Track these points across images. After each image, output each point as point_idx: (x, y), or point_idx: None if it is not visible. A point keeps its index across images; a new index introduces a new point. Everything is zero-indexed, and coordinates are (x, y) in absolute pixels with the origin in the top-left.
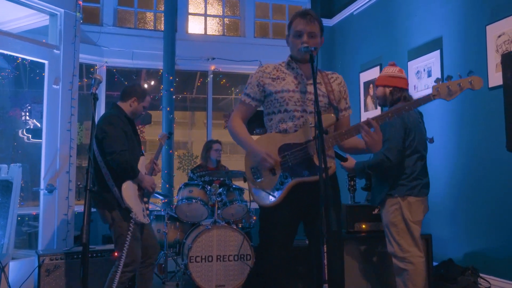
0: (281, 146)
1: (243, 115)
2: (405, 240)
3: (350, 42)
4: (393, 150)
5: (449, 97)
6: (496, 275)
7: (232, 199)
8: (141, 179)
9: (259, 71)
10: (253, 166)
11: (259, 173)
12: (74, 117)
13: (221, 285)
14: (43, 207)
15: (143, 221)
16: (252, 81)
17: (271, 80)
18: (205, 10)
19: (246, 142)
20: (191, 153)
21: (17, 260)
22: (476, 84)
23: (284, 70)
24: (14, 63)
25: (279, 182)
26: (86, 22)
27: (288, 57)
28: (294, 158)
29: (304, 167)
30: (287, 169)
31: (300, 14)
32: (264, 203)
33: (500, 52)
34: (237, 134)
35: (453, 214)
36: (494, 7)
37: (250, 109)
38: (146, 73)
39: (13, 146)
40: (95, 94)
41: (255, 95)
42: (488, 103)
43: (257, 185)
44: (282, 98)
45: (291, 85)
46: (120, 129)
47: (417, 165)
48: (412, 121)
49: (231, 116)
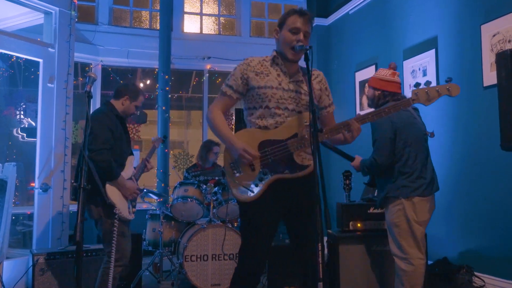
0: (262, 142)
1: (223, 106)
2: (407, 241)
3: (345, 41)
4: (381, 151)
5: (427, 102)
6: (490, 273)
7: (228, 198)
8: (121, 184)
9: (243, 63)
10: (233, 160)
11: (238, 168)
12: (69, 116)
13: (216, 284)
14: (38, 206)
15: (128, 217)
16: (235, 72)
17: (255, 75)
18: (201, 9)
19: (226, 136)
20: (186, 152)
21: (11, 260)
22: (453, 91)
23: (268, 65)
24: (8, 62)
25: (258, 177)
26: (81, 21)
27: (273, 52)
28: (274, 154)
29: (284, 164)
30: (266, 165)
31: (298, 12)
32: (242, 198)
33: (495, 51)
34: (216, 126)
35: (448, 212)
36: (488, 7)
37: (231, 101)
38: (141, 72)
39: (8, 145)
40: (89, 92)
41: (237, 88)
42: (482, 102)
43: (236, 180)
44: (265, 94)
45: (275, 82)
46: (105, 127)
47: (417, 164)
48: (402, 120)
49: (211, 106)
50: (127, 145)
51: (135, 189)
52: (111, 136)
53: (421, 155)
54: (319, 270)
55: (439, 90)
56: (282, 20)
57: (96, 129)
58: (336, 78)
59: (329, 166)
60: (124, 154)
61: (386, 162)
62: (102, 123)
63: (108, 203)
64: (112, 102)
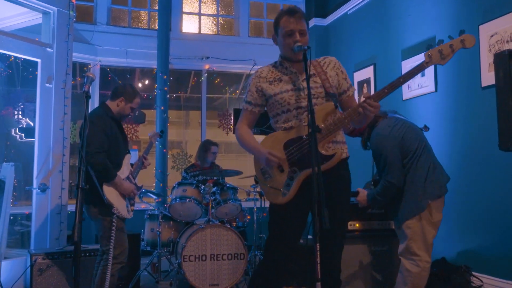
0: (286, 142)
1: (248, 122)
2: (417, 244)
3: (344, 41)
4: (393, 171)
5: (442, 61)
6: (488, 273)
7: (226, 198)
8: (118, 184)
9: (255, 77)
10: (262, 167)
11: (268, 173)
12: (67, 116)
13: (214, 284)
14: (36, 206)
15: (126, 216)
16: (250, 88)
17: (269, 84)
18: (199, 9)
19: (252, 146)
20: (185, 152)
21: (10, 260)
22: (468, 42)
23: (277, 71)
24: (6, 62)
25: (289, 177)
26: (79, 21)
27: (279, 57)
28: (299, 151)
29: (310, 159)
30: (294, 163)
31: (288, 12)
32: (278, 201)
33: (493, 51)
34: (244, 141)
35: (446, 212)
36: (486, 7)
37: (254, 115)
38: (140, 72)
39: (6, 145)
40: (87, 92)
41: (256, 102)
42: (481, 102)
43: (269, 184)
44: (282, 99)
45: (289, 85)
46: (99, 129)
47: (424, 165)
48: (399, 132)
49: (238, 124)
50: (124, 145)
51: (132, 189)
52: (105, 139)
53: (424, 155)
54: (317, 270)
55: (453, 45)
56: (275, 24)
57: (90, 131)
58: None
59: None
60: (121, 154)
61: (401, 179)
62: (96, 125)
63: (106, 203)
64: (107, 103)
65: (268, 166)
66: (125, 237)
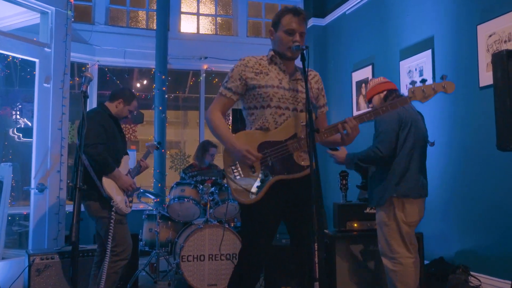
0: (261, 144)
1: (222, 108)
2: (396, 241)
3: (342, 41)
4: (385, 142)
5: (424, 99)
6: (486, 273)
7: (224, 198)
8: (117, 176)
9: (240, 64)
10: (233, 163)
11: (238, 170)
12: (65, 116)
13: (213, 284)
14: (34, 206)
15: (125, 211)
16: (233, 74)
17: (254, 75)
18: (197, 9)
19: (226, 138)
20: (183, 152)
21: (7, 260)
22: (449, 88)
23: (266, 64)
24: (4, 62)
25: (259, 179)
26: (78, 21)
27: (270, 51)
28: (274, 156)
29: (284, 165)
30: (267, 167)
31: (293, 11)
32: (244, 200)
33: (491, 51)
34: (216, 128)
35: (444, 212)
36: (485, 7)
37: (230, 102)
38: (138, 72)
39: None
40: (85, 92)
41: (236, 89)
42: (478, 102)
43: (237, 182)
44: (266, 94)
45: (275, 81)
46: (97, 123)
47: (413, 162)
48: (408, 115)
49: (210, 108)
50: (122, 144)
51: (131, 182)
52: (103, 131)
53: (417, 156)
54: (315, 270)
55: (435, 87)
56: (276, 20)
57: (88, 125)
58: (333, 78)
59: (326, 166)
60: (120, 152)
61: (389, 154)
62: (94, 119)
63: (105, 196)
64: (106, 104)
65: (241, 164)
66: (129, 234)
